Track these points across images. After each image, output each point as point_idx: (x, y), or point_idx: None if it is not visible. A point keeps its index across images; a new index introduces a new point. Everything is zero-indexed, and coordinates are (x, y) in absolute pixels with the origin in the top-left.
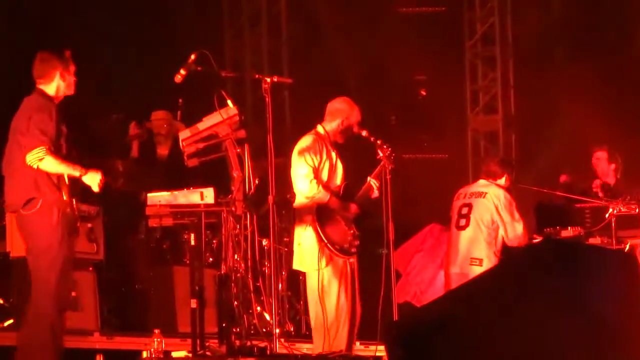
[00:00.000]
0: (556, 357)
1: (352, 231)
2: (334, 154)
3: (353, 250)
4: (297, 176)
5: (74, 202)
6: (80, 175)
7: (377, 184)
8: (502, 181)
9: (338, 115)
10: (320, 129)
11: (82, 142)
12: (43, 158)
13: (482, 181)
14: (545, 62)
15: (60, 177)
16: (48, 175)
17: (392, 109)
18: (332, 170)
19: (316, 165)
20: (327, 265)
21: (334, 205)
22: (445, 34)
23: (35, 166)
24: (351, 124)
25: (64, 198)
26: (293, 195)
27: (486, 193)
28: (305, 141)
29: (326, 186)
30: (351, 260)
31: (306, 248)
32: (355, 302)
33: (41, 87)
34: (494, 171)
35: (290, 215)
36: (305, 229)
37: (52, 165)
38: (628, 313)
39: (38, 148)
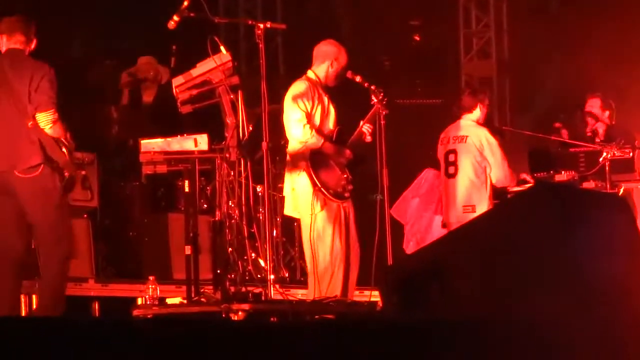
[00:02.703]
0: (548, 302)
1: (345, 176)
2: (325, 99)
3: (347, 194)
4: (290, 121)
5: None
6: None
7: (371, 128)
8: (478, 111)
9: (326, 57)
10: (310, 74)
11: (76, 89)
12: (55, 122)
13: (462, 122)
14: (539, 6)
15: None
16: (51, 136)
17: (386, 54)
18: (325, 114)
19: (309, 110)
20: (321, 210)
21: (328, 149)
22: None
23: (48, 127)
24: (342, 66)
25: (67, 158)
26: (287, 142)
27: (467, 137)
28: (297, 87)
29: (319, 131)
30: (345, 205)
31: (300, 193)
32: (349, 247)
33: (20, 47)
34: (468, 104)
35: (284, 162)
36: (299, 175)
37: (59, 133)
38: (621, 256)
39: (51, 110)
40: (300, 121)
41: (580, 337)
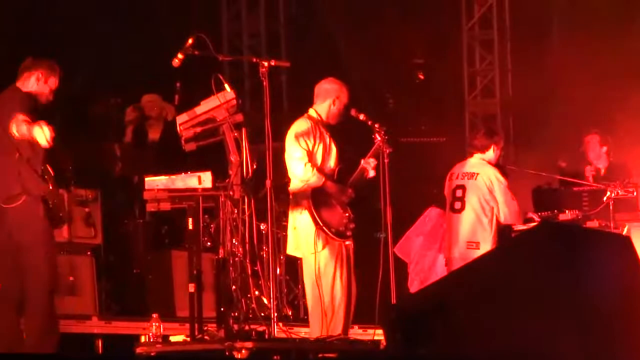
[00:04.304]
0: (551, 340)
1: (347, 214)
2: (327, 137)
3: (349, 233)
4: (292, 160)
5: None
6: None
7: (375, 163)
8: (491, 152)
9: (328, 95)
10: (312, 112)
11: (80, 125)
12: (24, 123)
13: (473, 160)
14: (543, 45)
15: (45, 167)
16: (33, 167)
17: (390, 92)
18: (326, 153)
19: (310, 148)
20: (323, 248)
21: (330, 188)
22: (443, 17)
23: (20, 128)
24: (343, 104)
25: (50, 188)
26: (289, 180)
27: (478, 174)
28: (299, 125)
29: (320, 169)
30: (347, 243)
31: (302, 232)
32: (350, 285)
33: (19, 84)
34: (482, 144)
35: (287, 200)
36: (301, 213)
37: (25, 131)
38: (625, 295)
39: (20, 116)
40: (301, 159)
41: None
